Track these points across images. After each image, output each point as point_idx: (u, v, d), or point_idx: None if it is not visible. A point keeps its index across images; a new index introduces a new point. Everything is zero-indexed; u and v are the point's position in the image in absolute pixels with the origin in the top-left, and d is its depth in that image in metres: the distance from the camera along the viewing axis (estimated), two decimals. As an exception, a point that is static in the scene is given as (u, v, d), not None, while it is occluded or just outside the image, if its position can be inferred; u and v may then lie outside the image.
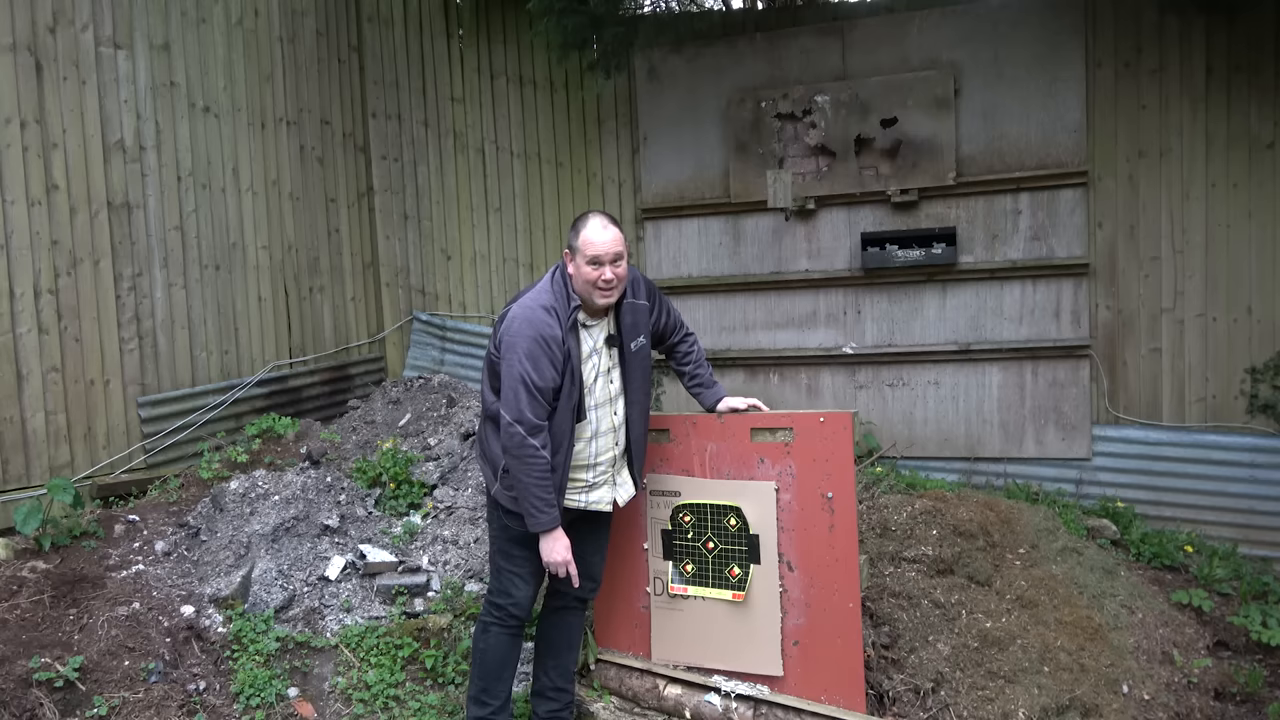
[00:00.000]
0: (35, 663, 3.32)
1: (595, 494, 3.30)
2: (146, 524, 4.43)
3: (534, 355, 2.99)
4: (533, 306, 3.07)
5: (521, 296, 3.16)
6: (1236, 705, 4.00)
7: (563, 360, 3.04)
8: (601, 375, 3.21)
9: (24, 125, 4.59)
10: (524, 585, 3.27)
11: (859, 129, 5.95)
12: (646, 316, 3.31)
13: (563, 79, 6.64)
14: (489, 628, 3.29)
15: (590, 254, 3.05)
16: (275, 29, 6.16)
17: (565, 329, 3.05)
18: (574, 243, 3.10)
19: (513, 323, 3.05)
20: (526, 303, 3.09)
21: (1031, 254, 5.75)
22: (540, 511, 3.04)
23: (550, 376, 3.01)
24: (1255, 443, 5.36)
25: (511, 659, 3.33)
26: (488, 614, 3.31)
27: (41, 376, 4.67)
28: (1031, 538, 4.48)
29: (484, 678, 3.29)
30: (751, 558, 3.48)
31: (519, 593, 3.26)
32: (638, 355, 3.28)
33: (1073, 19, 5.59)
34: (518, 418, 2.99)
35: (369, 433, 5.52)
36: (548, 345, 3.00)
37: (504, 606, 3.27)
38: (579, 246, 3.08)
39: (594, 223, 3.09)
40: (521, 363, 2.99)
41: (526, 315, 3.04)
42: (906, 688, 3.65)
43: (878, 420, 6.09)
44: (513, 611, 3.27)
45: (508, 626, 3.28)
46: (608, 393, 3.23)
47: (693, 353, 3.54)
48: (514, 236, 6.89)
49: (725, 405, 3.51)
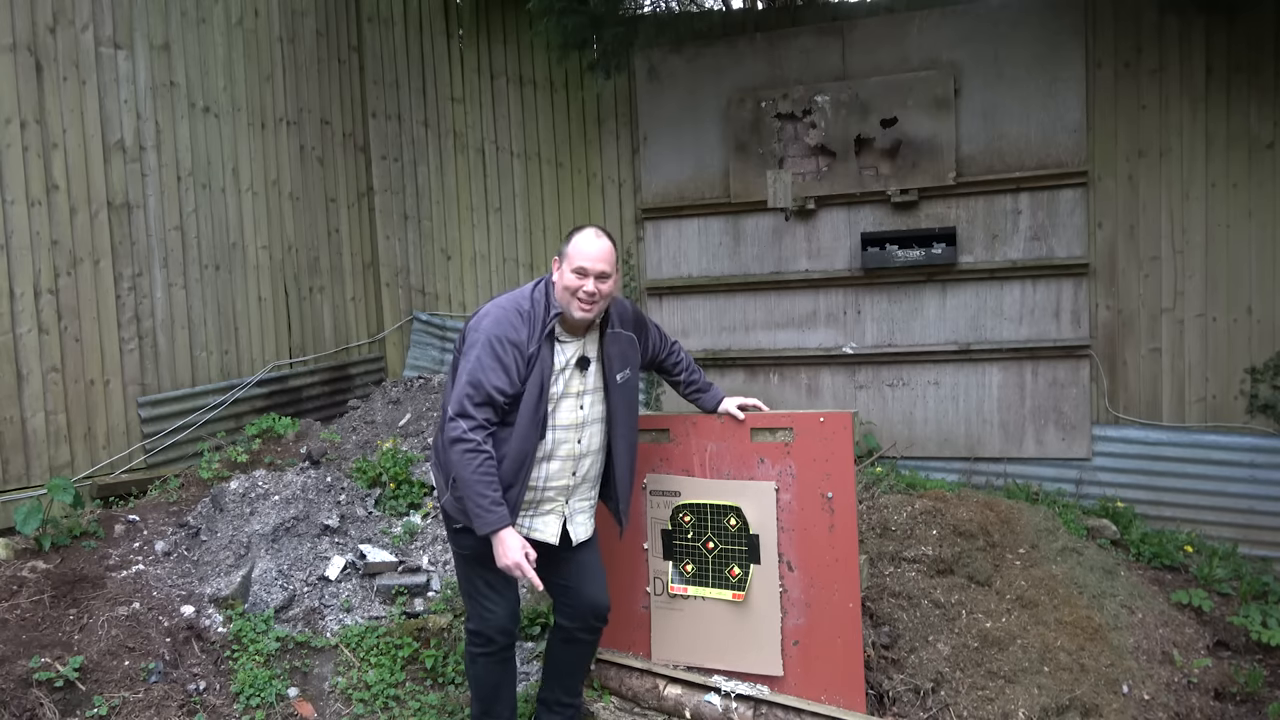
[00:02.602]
0: (35, 663, 3.32)
1: (539, 520, 3.09)
2: (146, 524, 4.43)
3: (491, 354, 2.87)
4: (505, 307, 2.97)
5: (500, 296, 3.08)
6: (1236, 705, 4.00)
7: (524, 367, 2.91)
8: (569, 396, 3.04)
9: (24, 125, 4.59)
10: (497, 603, 3.10)
11: (859, 129, 5.95)
12: (634, 350, 3.21)
13: (563, 79, 6.64)
14: (475, 658, 3.16)
15: (576, 263, 2.94)
16: (275, 29, 6.16)
17: (538, 337, 2.94)
18: (564, 249, 3.02)
19: (481, 319, 2.97)
20: (501, 302, 3.01)
21: (1031, 254, 5.75)
22: (487, 510, 2.82)
23: (504, 381, 2.87)
24: (1255, 443, 5.36)
25: (506, 679, 3.23)
26: (471, 643, 3.16)
27: (41, 376, 4.67)
28: (1031, 538, 4.48)
29: (482, 701, 3.22)
30: (751, 558, 3.48)
31: (494, 613, 3.09)
32: (623, 388, 3.15)
33: (1073, 19, 5.59)
34: (460, 412, 2.85)
35: (369, 433, 5.52)
36: (506, 347, 2.88)
37: (482, 632, 3.11)
38: (567, 253, 2.99)
39: (587, 233, 3.02)
40: (478, 359, 2.88)
41: (495, 314, 2.96)
42: (906, 688, 3.65)
43: (878, 420, 6.09)
44: (492, 636, 3.11)
45: (492, 653, 3.13)
46: (574, 417, 3.05)
47: (681, 360, 3.47)
48: (514, 236, 6.89)
49: (725, 408, 3.48)
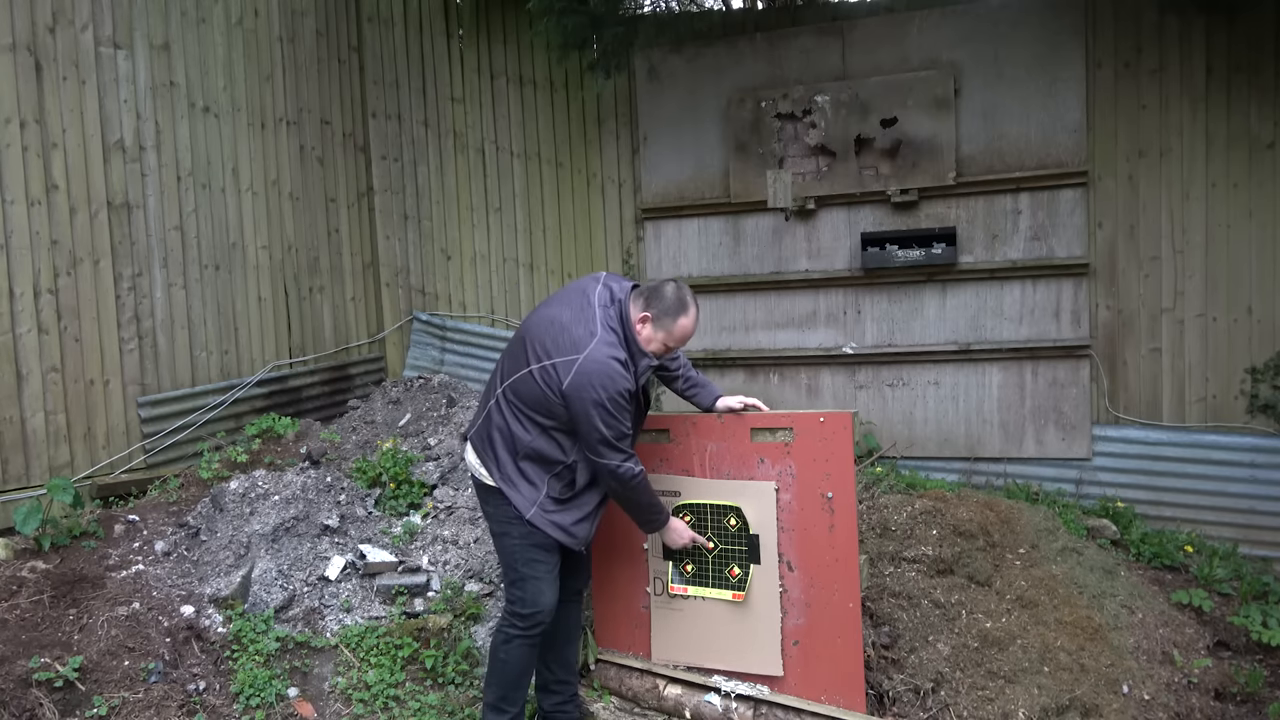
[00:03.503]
0: (35, 663, 3.32)
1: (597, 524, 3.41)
2: (146, 524, 4.43)
3: (618, 409, 3.06)
4: (604, 361, 3.05)
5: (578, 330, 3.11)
6: (1236, 705, 4.00)
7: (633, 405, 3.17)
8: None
9: (24, 125, 4.59)
10: (550, 590, 3.25)
11: (859, 129, 5.95)
12: None
13: (563, 79, 6.64)
14: (512, 639, 3.25)
15: (675, 342, 3.18)
16: (275, 29, 6.16)
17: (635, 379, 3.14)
18: (664, 320, 3.13)
19: (591, 377, 3.03)
20: (598, 357, 3.05)
21: (1031, 254, 5.75)
22: (660, 512, 3.34)
23: (630, 422, 3.15)
24: (1255, 443, 5.36)
25: (530, 667, 3.32)
26: (511, 625, 3.25)
27: (41, 376, 4.67)
28: (1031, 538, 4.48)
29: (503, 686, 3.27)
30: (751, 558, 3.48)
31: (546, 599, 3.23)
32: None
33: (1073, 19, 5.59)
34: (624, 460, 3.12)
35: (369, 433, 5.52)
36: (623, 399, 3.07)
37: (530, 615, 3.22)
38: (671, 329, 3.14)
39: (693, 314, 3.18)
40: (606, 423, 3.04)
41: (605, 371, 3.04)
42: (906, 688, 3.65)
43: (878, 420, 6.09)
44: (539, 619, 3.23)
45: (531, 636, 3.25)
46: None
47: (680, 358, 3.54)
48: (514, 236, 6.89)
49: (723, 404, 3.53)
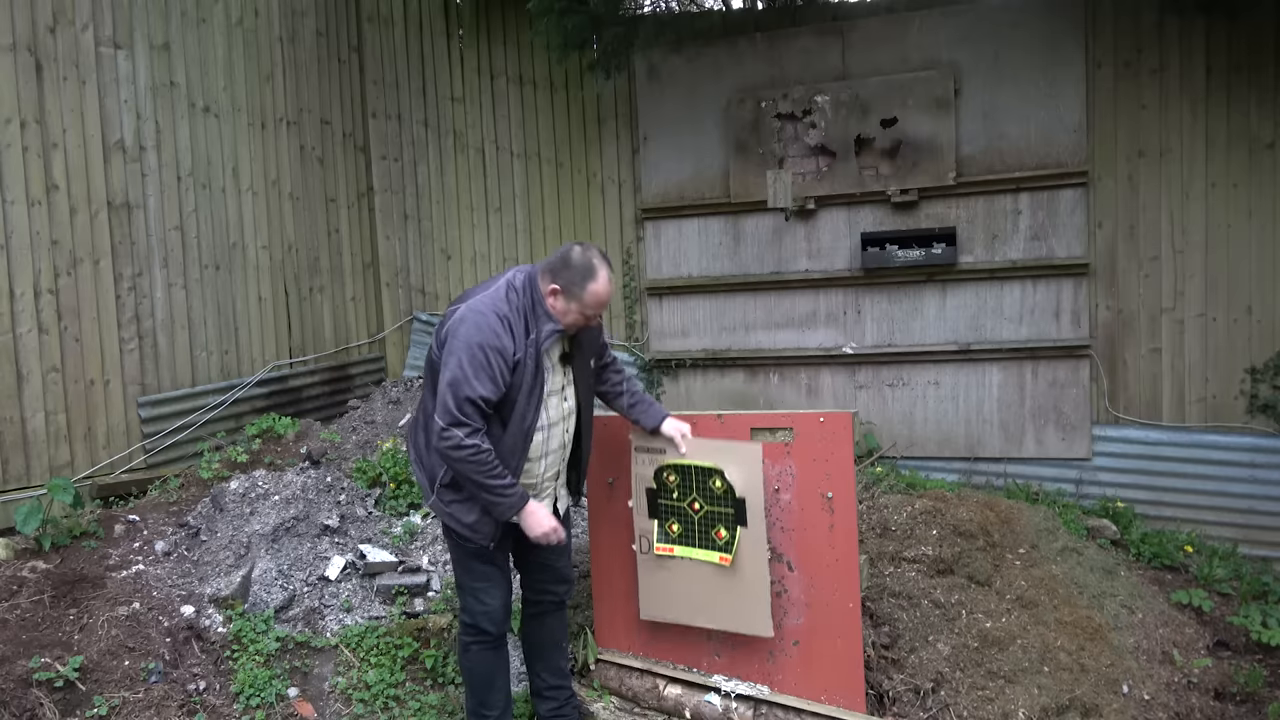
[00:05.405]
0: (35, 663, 3.32)
1: None
2: (146, 524, 4.43)
3: (475, 363, 2.81)
4: (483, 312, 2.87)
5: (470, 297, 2.97)
6: (1236, 705, 4.00)
7: (509, 373, 2.88)
8: (555, 394, 3.09)
9: (24, 125, 4.59)
10: (493, 594, 3.16)
11: (859, 129, 5.95)
12: (598, 336, 3.28)
13: (563, 79, 6.64)
14: (469, 647, 3.22)
15: (589, 309, 2.96)
16: (275, 29, 6.16)
17: (525, 346, 2.91)
18: (574, 289, 2.93)
19: (459, 324, 2.87)
20: (477, 307, 2.89)
21: (1031, 254, 5.75)
22: (504, 497, 2.90)
23: (490, 390, 2.83)
24: (1255, 443, 5.36)
25: (499, 669, 3.28)
26: (465, 633, 3.22)
27: (41, 376, 4.67)
28: (1031, 538, 4.48)
29: (477, 692, 3.26)
30: (739, 520, 3.40)
31: (489, 604, 3.15)
32: (587, 372, 3.23)
33: (1073, 19, 5.58)
34: (452, 422, 2.81)
35: (369, 433, 5.52)
36: (490, 355, 2.82)
37: (477, 623, 3.17)
38: (581, 297, 2.93)
39: (604, 277, 2.94)
40: (461, 368, 2.81)
41: (474, 321, 2.86)
42: (906, 688, 3.65)
43: (878, 420, 6.09)
44: (486, 626, 3.16)
45: (485, 643, 3.20)
46: (561, 411, 3.12)
47: (623, 371, 3.45)
48: (514, 236, 6.89)
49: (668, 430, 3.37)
